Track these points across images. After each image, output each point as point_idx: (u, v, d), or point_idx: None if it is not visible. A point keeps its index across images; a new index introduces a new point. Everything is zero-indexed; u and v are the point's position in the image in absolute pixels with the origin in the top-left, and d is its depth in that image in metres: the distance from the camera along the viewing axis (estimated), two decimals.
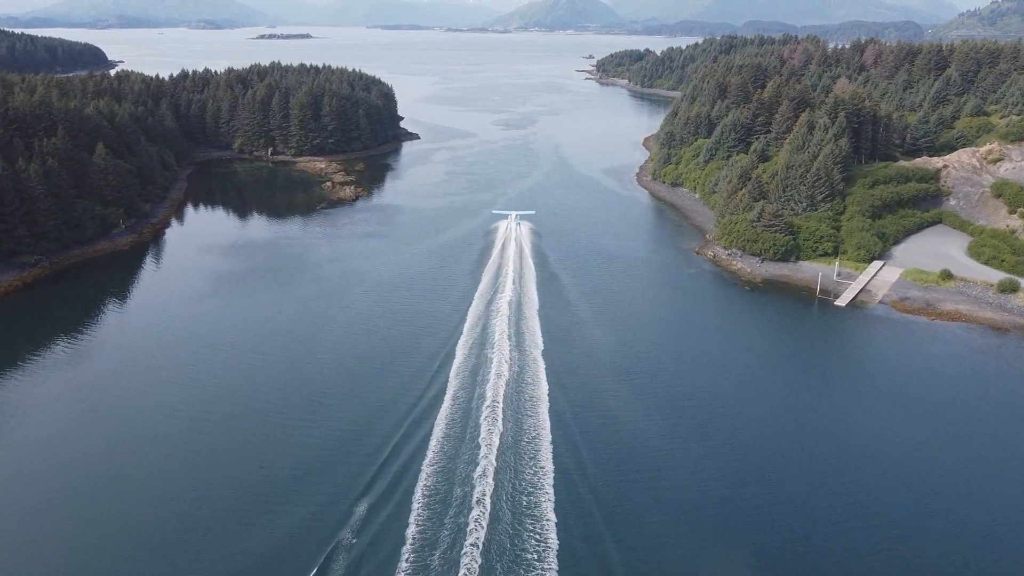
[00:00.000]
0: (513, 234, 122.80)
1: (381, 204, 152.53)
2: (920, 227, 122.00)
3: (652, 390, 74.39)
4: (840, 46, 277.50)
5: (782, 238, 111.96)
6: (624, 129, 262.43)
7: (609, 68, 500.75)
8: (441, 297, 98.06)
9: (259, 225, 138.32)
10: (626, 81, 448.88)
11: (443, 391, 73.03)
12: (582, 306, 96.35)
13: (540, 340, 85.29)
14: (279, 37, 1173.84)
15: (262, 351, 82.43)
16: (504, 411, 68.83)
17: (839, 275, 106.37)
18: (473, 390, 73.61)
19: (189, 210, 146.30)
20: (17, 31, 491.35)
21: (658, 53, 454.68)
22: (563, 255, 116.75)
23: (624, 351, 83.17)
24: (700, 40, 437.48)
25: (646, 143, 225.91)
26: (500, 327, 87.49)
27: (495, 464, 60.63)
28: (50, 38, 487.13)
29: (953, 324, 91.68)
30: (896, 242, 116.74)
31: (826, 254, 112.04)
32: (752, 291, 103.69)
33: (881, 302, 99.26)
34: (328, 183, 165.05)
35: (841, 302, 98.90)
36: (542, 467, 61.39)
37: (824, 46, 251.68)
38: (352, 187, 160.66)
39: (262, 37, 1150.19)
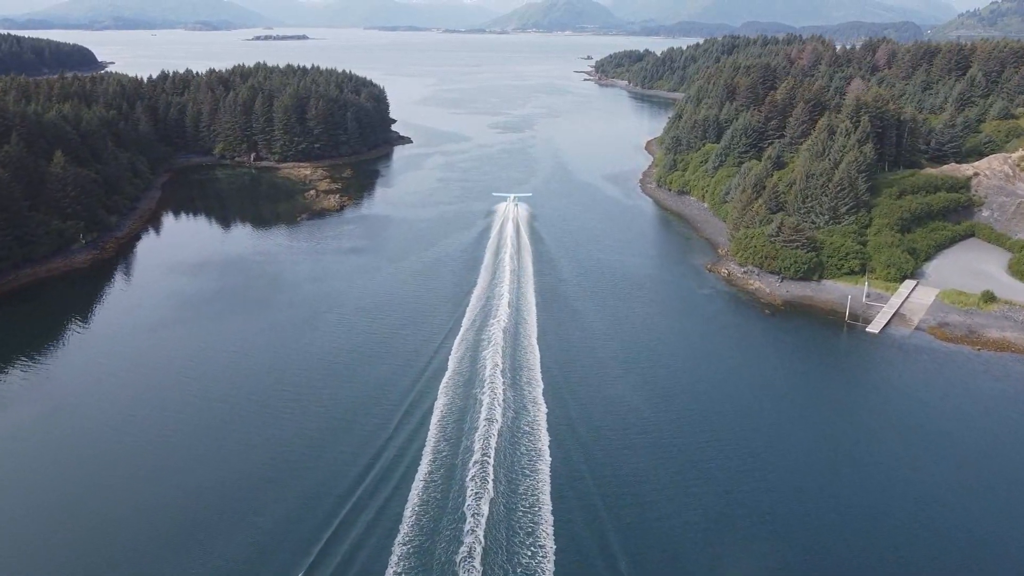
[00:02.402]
0: (508, 249, 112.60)
1: (367, 214, 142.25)
2: (952, 241, 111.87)
3: (672, 443, 63.89)
4: (850, 46, 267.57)
5: (804, 255, 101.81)
6: (625, 132, 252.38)
7: (608, 69, 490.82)
8: (426, 324, 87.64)
9: (234, 239, 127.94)
10: (626, 82, 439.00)
11: (422, 443, 62.83)
12: (586, 334, 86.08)
13: (539, 376, 75.05)
14: (275, 38, 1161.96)
15: (220, 390, 72.05)
16: (496, 470, 58.64)
17: (868, 296, 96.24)
18: (459, 441, 63.39)
19: (159, 222, 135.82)
20: (8, 32, 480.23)
21: (658, 54, 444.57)
22: (564, 273, 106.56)
23: (638, 391, 72.75)
24: (701, 41, 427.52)
25: (648, 147, 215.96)
26: (492, 360, 77.29)
27: (483, 543, 50.43)
28: (37, 39, 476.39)
29: (1002, 355, 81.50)
30: (928, 258, 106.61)
31: (852, 272, 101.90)
32: (773, 315, 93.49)
33: (918, 328, 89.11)
34: (312, 191, 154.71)
35: (873, 328, 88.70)
36: (541, 546, 51.16)
37: (833, 46, 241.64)
38: (337, 196, 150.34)
39: (258, 38, 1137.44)
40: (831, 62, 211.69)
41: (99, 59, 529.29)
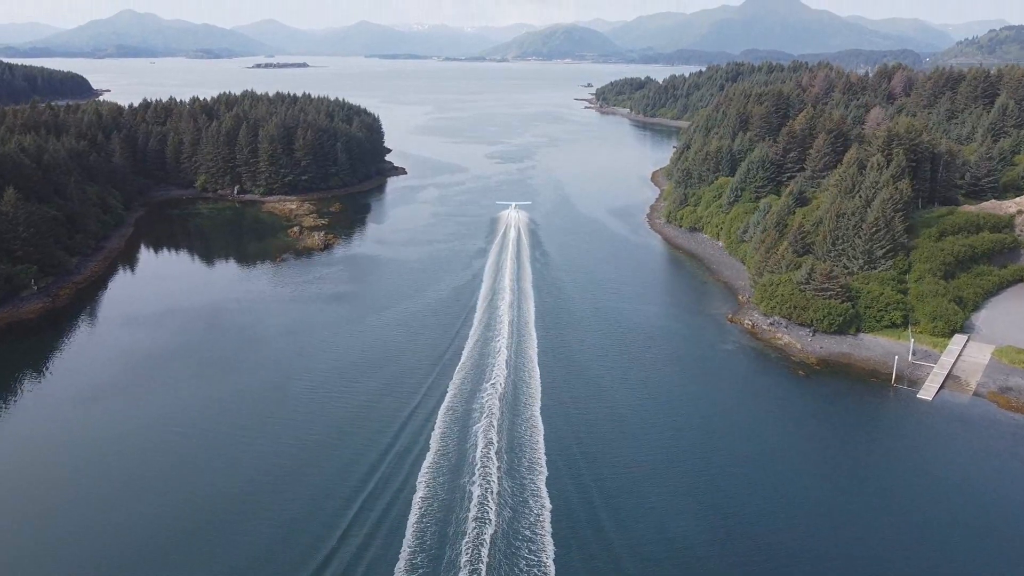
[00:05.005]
0: (507, 297, 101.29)
1: (354, 254, 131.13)
2: (999, 288, 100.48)
3: (709, 559, 51.93)
4: (862, 72, 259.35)
5: (839, 305, 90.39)
6: (629, 162, 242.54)
7: (609, 97, 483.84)
8: (408, 388, 75.63)
9: (207, 283, 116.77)
10: (627, 110, 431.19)
11: (395, 557, 50.96)
12: (597, 403, 74.19)
13: (543, 459, 63.23)
14: (275, 66, 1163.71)
15: (153, 485, 59.80)
16: None
17: (914, 354, 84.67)
18: (441, 553, 51.61)
19: (126, 263, 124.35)
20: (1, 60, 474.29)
21: (660, 81, 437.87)
22: (569, 325, 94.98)
23: (663, 486, 60.51)
24: (704, 68, 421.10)
25: (655, 178, 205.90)
26: (485, 437, 65.90)
27: None
28: (30, 67, 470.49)
29: None
30: (975, 308, 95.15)
31: (893, 325, 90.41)
32: (808, 376, 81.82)
33: (976, 394, 77.42)
34: (295, 228, 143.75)
35: (925, 394, 76.96)
36: None
37: (844, 73, 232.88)
38: (322, 233, 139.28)
39: (258, 66, 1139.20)
40: (845, 89, 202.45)
41: (94, 87, 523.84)
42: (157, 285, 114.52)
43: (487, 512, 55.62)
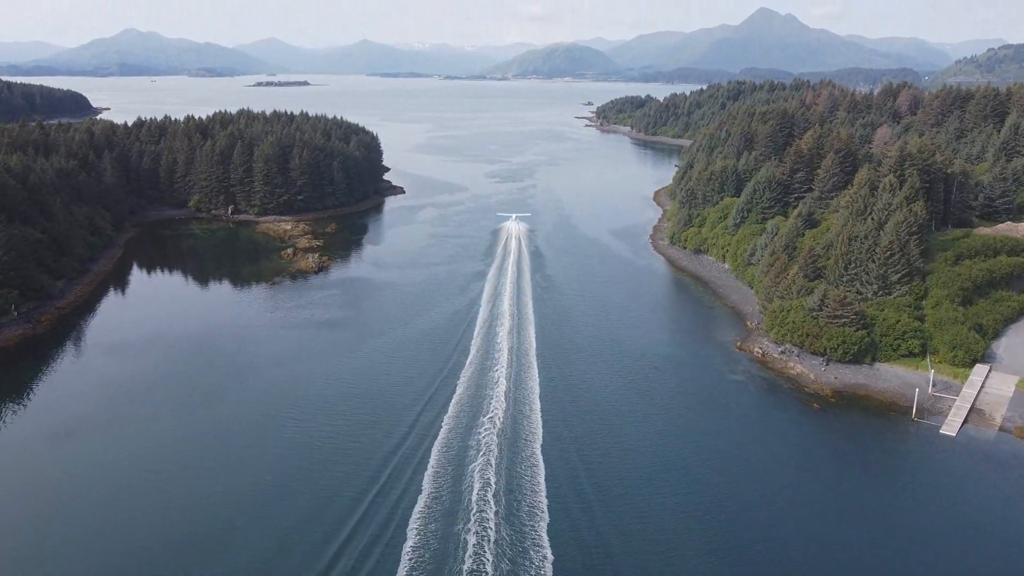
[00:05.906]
0: (506, 323, 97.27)
1: (349, 277, 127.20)
2: (1019, 314, 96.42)
3: None
4: (867, 91, 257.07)
5: (854, 333, 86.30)
6: (631, 182, 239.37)
7: (610, 115, 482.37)
8: (399, 422, 71.46)
9: (195, 307, 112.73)
10: (628, 128, 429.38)
11: None
12: (604, 440, 69.95)
13: (544, 503, 58.86)
14: (276, 84, 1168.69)
15: (125, 519, 55.62)
16: None
17: (934, 386, 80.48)
18: None
19: (113, 286, 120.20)
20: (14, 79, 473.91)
21: (660, 99, 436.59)
22: (571, 353, 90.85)
23: (675, 529, 56.46)
24: (704, 86, 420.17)
25: (657, 198, 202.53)
26: (482, 477, 61.76)
27: None
28: (28, 84, 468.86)
29: None
30: (995, 336, 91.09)
31: (911, 354, 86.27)
32: (823, 409, 77.60)
33: (1003, 429, 73.23)
34: (289, 250, 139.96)
35: (948, 430, 72.71)
36: None
37: (848, 91, 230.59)
38: (316, 255, 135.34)
39: (259, 84, 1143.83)
40: (849, 108, 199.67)
41: (94, 105, 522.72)
42: (144, 310, 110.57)
43: (483, 564, 51.40)
